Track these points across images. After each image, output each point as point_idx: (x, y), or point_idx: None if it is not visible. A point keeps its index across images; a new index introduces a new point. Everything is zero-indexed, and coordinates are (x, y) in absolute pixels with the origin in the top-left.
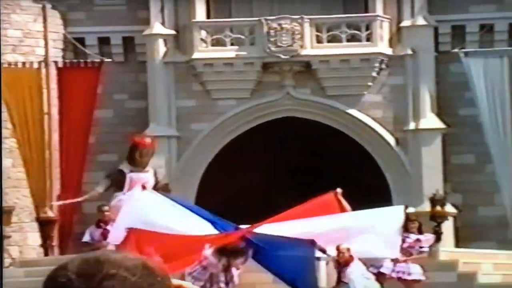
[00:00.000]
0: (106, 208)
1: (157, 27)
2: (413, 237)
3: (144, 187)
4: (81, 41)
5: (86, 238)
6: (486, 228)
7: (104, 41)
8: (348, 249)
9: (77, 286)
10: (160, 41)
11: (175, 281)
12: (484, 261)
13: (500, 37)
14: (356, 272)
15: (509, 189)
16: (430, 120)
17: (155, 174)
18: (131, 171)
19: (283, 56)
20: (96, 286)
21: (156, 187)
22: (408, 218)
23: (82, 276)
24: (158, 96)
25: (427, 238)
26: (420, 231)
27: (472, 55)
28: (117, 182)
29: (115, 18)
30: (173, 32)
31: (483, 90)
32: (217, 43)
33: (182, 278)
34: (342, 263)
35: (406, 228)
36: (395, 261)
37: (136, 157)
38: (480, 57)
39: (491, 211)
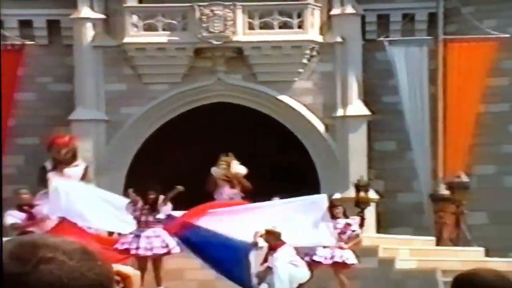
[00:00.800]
0: (24, 191)
1: (85, 11)
2: (341, 222)
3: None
4: None
5: (13, 220)
6: (404, 214)
7: (26, 24)
8: (279, 234)
9: (10, 270)
10: (89, 25)
11: (115, 266)
12: (401, 247)
13: (420, 26)
14: (282, 258)
15: (425, 176)
16: (356, 107)
17: (86, 169)
18: (55, 168)
19: (215, 42)
20: (31, 270)
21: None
22: (332, 204)
23: (16, 260)
24: (85, 79)
25: (355, 220)
26: (345, 216)
27: (395, 43)
28: (40, 179)
29: (38, 1)
30: (102, 16)
31: (404, 78)
32: (149, 28)
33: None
34: (271, 245)
35: (332, 215)
36: (328, 248)
37: (55, 156)
38: (402, 45)
39: (410, 197)
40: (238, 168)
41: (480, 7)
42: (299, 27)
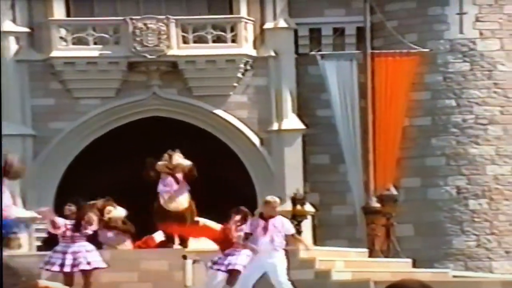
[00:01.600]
0: None
1: (7, 25)
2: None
3: None
4: None
5: None
6: (339, 227)
7: None
8: (278, 204)
9: None
10: (11, 39)
11: (43, 282)
12: (337, 259)
13: (350, 40)
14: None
15: (358, 189)
16: (291, 121)
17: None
18: None
19: (149, 56)
20: None
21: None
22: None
23: None
24: (9, 94)
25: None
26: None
27: (327, 57)
28: None
29: None
30: (26, 29)
31: (336, 92)
32: (79, 41)
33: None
34: (265, 217)
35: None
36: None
37: None
38: (333, 59)
39: (343, 210)
40: (181, 161)
41: (402, 22)
42: (233, 41)
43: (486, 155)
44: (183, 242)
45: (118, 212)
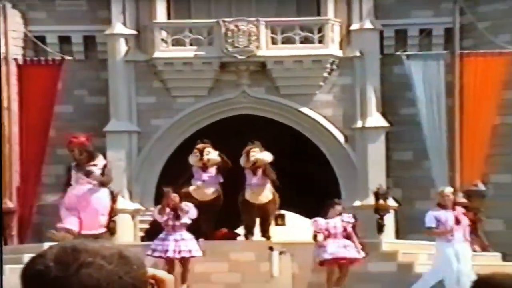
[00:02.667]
0: None
1: (118, 27)
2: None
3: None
4: (42, 39)
5: None
6: (422, 221)
7: (64, 40)
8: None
9: (54, 274)
10: (121, 41)
11: (150, 270)
12: (420, 252)
13: (437, 41)
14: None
15: (443, 184)
16: (375, 119)
17: (104, 168)
18: (77, 166)
19: (239, 57)
20: (73, 274)
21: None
22: (330, 205)
23: (60, 264)
24: (119, 92)
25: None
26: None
27: (413, 57)
28: (66, 179)
29: (75, 18)
30: (134, 32)
31: (422, 91)
32: (177, 43)
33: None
34: (443, 205)
35: (326, 215)
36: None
37: (72, 155)
38: (420, 59)
39: (427, 204)
40: (262, 156)
41: (495, 22)
42: (320, 42)
43: None
44: (265, 234)
45: (215, 154)
